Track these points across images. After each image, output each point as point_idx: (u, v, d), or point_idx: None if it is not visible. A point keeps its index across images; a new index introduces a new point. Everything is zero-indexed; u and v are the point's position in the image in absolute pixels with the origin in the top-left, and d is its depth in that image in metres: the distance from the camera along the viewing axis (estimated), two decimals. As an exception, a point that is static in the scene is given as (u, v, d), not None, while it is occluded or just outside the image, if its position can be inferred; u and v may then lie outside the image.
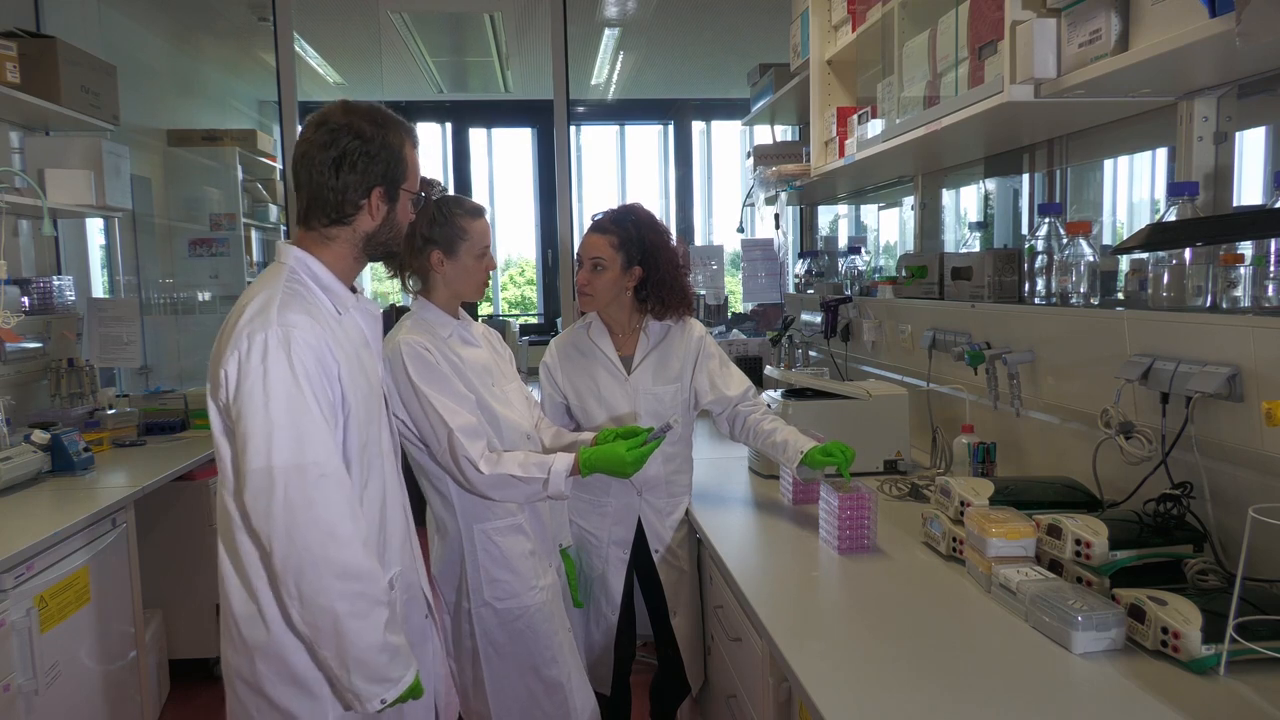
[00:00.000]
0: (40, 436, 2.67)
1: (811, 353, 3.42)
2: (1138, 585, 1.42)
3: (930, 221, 3.07)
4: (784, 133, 3.95)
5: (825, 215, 4.26)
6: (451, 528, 1.92)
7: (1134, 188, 2.44)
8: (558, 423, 2.21)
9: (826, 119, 2.87)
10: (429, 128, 6.80)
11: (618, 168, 7.09)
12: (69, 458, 2.70)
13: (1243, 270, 1.50)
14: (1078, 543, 1.52)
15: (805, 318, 3.56)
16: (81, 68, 3.21)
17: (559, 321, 5.55)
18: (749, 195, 3.67)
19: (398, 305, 4.46)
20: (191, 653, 3.11)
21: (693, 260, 4.12)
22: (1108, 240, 2.38)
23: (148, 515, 2.83)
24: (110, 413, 3.25)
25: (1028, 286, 2.08)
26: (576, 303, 2.38)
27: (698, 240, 6.89)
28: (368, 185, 1.46)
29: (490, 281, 2.03)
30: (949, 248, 3.07)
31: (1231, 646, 1.25)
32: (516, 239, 7.36)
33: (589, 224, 2.25)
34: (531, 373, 2.25)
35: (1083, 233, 1.88)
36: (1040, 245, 2.00)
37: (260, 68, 5.26)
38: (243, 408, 1.35)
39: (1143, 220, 2.41)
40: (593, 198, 6.93)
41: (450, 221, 1.89)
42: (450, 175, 6.82)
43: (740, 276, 4.25)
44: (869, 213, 4.19)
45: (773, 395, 2.56)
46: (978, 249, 2.59)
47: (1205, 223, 1.55)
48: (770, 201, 3.79)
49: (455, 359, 1.88)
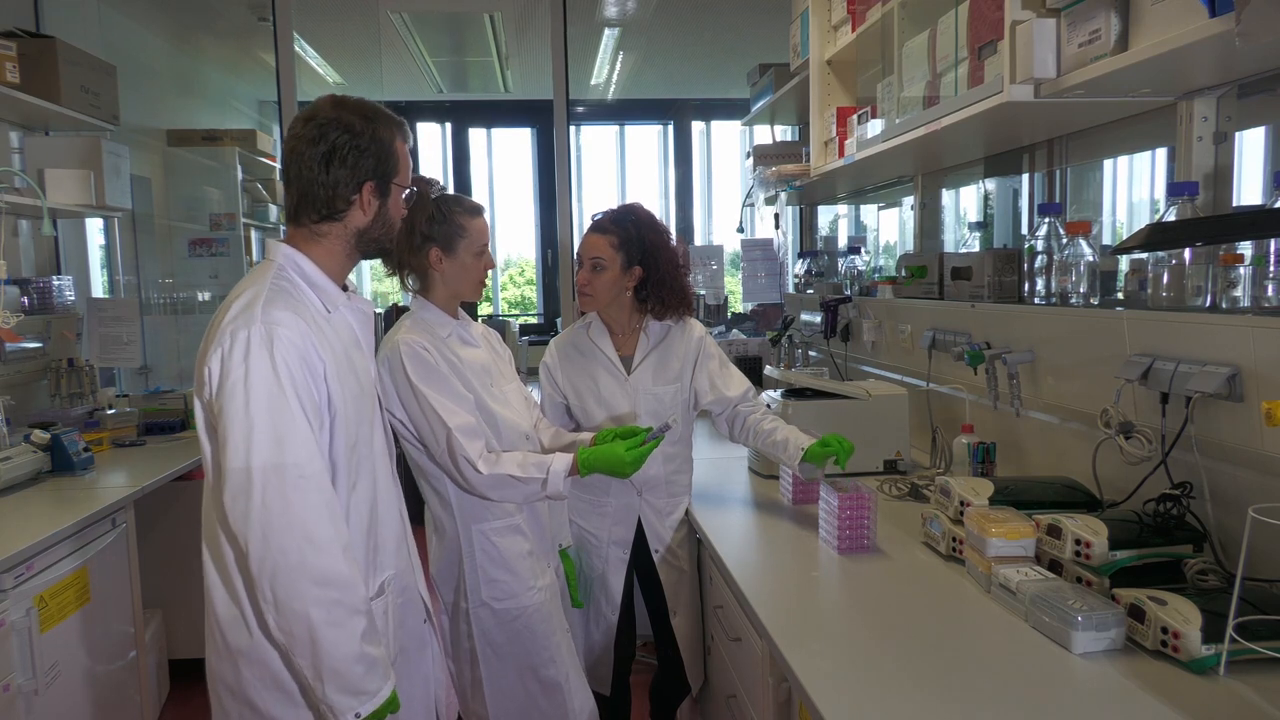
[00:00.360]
0: (40, 436, 2.67)
1: (811, 353, 3.42)
2: (1137, 585, 1.42)
3: (930, 221, 3.07)
4: (784, 133, 3.95)
5: (825, 215, 4.26)
6: (449, 528, 1.92)
7: (1134, 188, 2.44)
8: (557, 423, 2.21)
9: (826, 119, 2.87)
10: (429, 128, 6.80)
11: (617, 168, 7.09)
12: (69, 458, 2.70)
13: (1242, 270, 1.50)
14: (1077, 543, 1.52)
15: (805, 318, 3.56)
16: (81, 68, 3.21)
17: (559, 321, 5.55)
18: (749, 195, 3.68)
19: (399, 305, 4.47)
20: (191, 653, 3.12)
21: (692, 260, 4.12)
22: (1108, 240, 2.38)
23: (147, 515, 2.83)
24: (110, 413, 3.25)
25: (1027, 286, 2.08)
26: (576, 303, 2.38)
27: (697, 240, 6.89)
28: (358, 180, 1.43)
29: (489, 281, 2.03)
30: (949, 248, 3.07)
31: (1231, 646, 1.25)
32: (516, 239, 7.36)
33: (589, 224, 2.25)
34: (531, 373, 2.26)
35: (1082, 233, 1.88)
36: (1040, 245, 2.00)
37: (260, 68, 5.25)
38: (224, 406, 1.32)
39: (1143, 220, 2.41)
40: (592, 198, 6.93)
41: (449, 219, 1.88)
42: (450, 175, 6.82)
43: (740, 276, 4.25)
44: (869, 213, 4.19)
45: (773, 395, 2.56)
46: (977, 249, 2.59)
47: (1205, 223, 1.55)
48: (770, 201, 3.79)
49: (454, 359, 1.88)
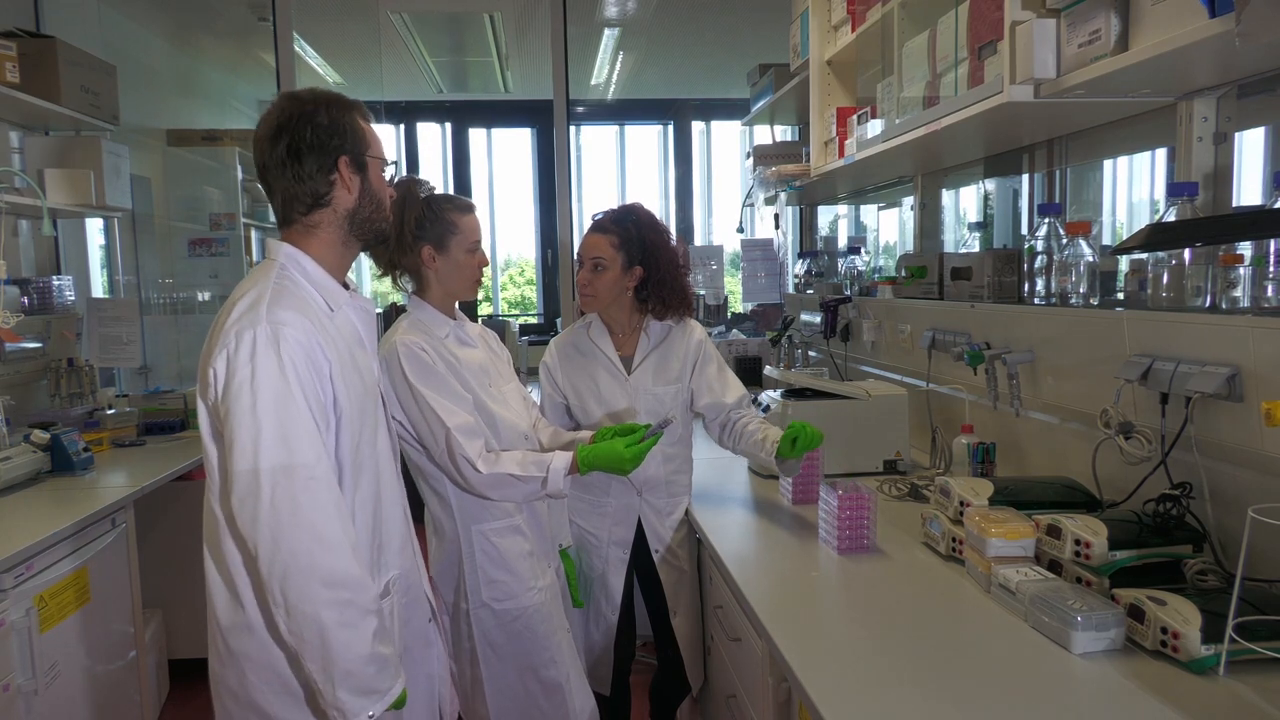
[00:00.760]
0: (40, 436, 2.67)
1: (811, 353, 3.42)
2: (1137, 585, 1.42)
3: (930, 222, 3.07)
4: (783, 133, 3.95)
5: (825, 215, 4.26)
6: (449, 529, 1.92)
7: (1133, 188, 2.44)
8: (557, 423, 2.21)
9: (826, 119, 2.87)
10: (429, 128, 6.81)
11: (617, 168, 7.09)
12: (68, 458, 2.70)
13: (1242, 270, 1.50)
14: (1077, 543, 1.52)
15: (805, 318, 3.56)
16: (81, 68, 3.21)
17: (559, 321, 5.55)
18: (749, 195, 3.68)
19: (398, 305, 4.46)
20: (191, 653, 3.12)
21: (692, 260, 4.12)
22: (1107, 240, 2.38)
23: (147, 515, 2.83)
24: (110, 413, 3.25)
25: (1027, 287, 2.08)
26: (577, 302, 2.38)
27: (697, 240, 6.89)
28: (331, 159, 1.43)
29: (487, 281, 2.03)
30: (948, 248, 3.07)
31: (1231, 646, 1.25)
32: (516, 239, 7.36)
33: (589, 224, 2.25)
34: (532, 372, 2.25)
35: (1082, 233, 1.88)
36: (1040, 245, 2.00)
37: (260, 67, 5.25)
38: (230, 407, 1.31)
39: (1142, 220, 2.41)
40: (592, 198, 6.93)
41: (440, 217, 1.88)
42: (450, 175, 6.82)
43: (740, 276, 4.25)
44: (869, 213, 4.19)
45: (772, 395, 2.56)
46: (977, 249, 2.59)
47: (1205, 223, 1.55)
48: (770, 202, 3.79)
49: (452, 359, 1.87)
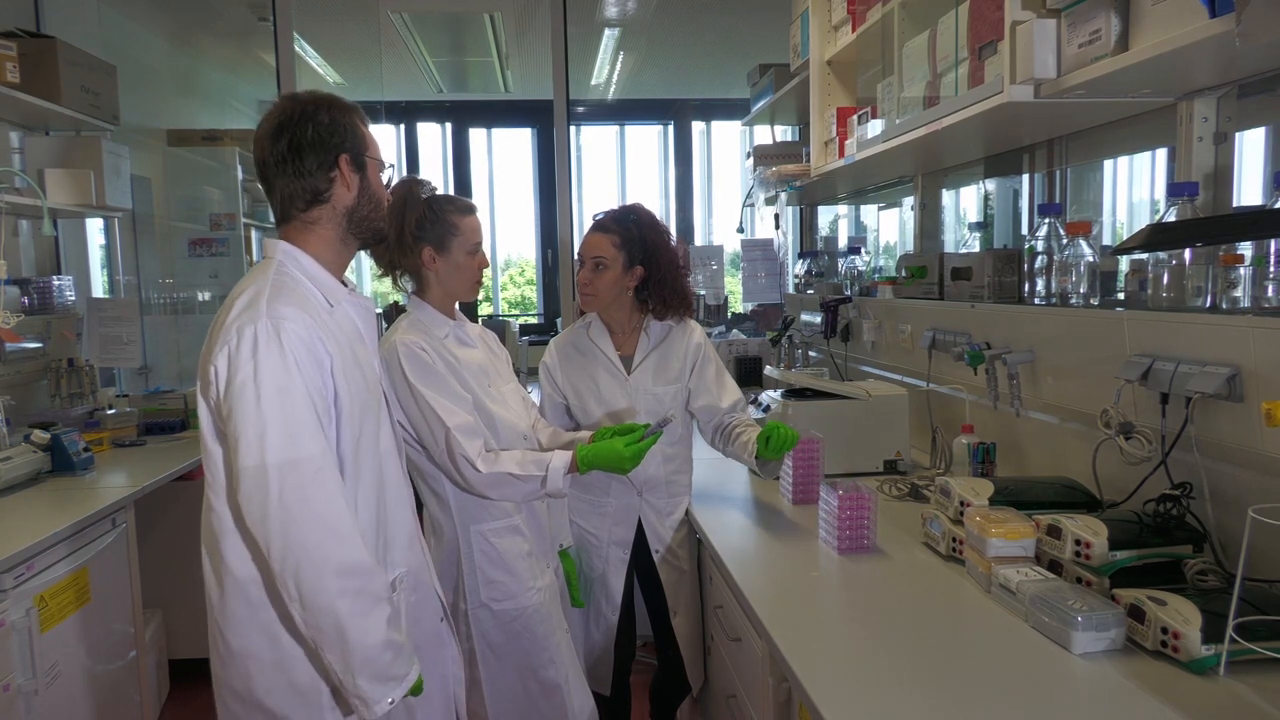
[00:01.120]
0: (40, 436, 2.67)
1: (811, 353, 3.42)
2: (1137, 585, 1.42)
3: (930, 222, 3.07)
4: (784, 133, 3.95)
5: (825, 215, 4.26)
6: (448, 529, 1.92)
7: (1134, 188, 2.44)
8: (557, 423, 2.21)
9: (826, 119, 2.87)
10: (429, 128, 6.81)
11: (618, 168, 7.09)
12: (69, 458, 2.70)
13: (1242, 271, 1.50)
14: (1077, 543, 1.52)
15: (805, 318, 3.56)
16: (81, 68, 3.21)
17: (559, 321, 5.55)
18: (749, 195, 3.67)
19: (398, 304, 4.46)
20: (191, 653, 3.12)
21: (693, 260, 4.13)
22: (1107, 240, 2.38)
23: (147, 515, 2.83)
24: (110, 413, 3.25)
25: (1028, 287, 2.08)
26: (577, 302, 2.38)
27: (697, 240, 6.89)
28: (331, 156, 1.44)
29: (488, 281, 2.04)
30: (949, 248, 3.07)
31: (1231, 647, 1.25)
32: (516, 239, 7.36)
33: (589, 224, 2.26)
34: (532, 373, 2.26)
35: (1083, 233, 1.88)
36: (1040, 245, 2.00)
37: (260, 67, 5.25)
38: (234, 404, 1.32)
39: (1143, 220, 2.41)
40: (593, 198, 6.93)
41: (441, 218, 1.89)
42: (450, 175, 6.82)
43: (740, 277, 4.25)
44: (869, 213, 4.19)
45: (773, 395, 2.56)
46: (977, 249, 2.59)
47: (1205, 223, 1.55)
48: (770, 202, 3.79)
49: (451, 359, 1.88)
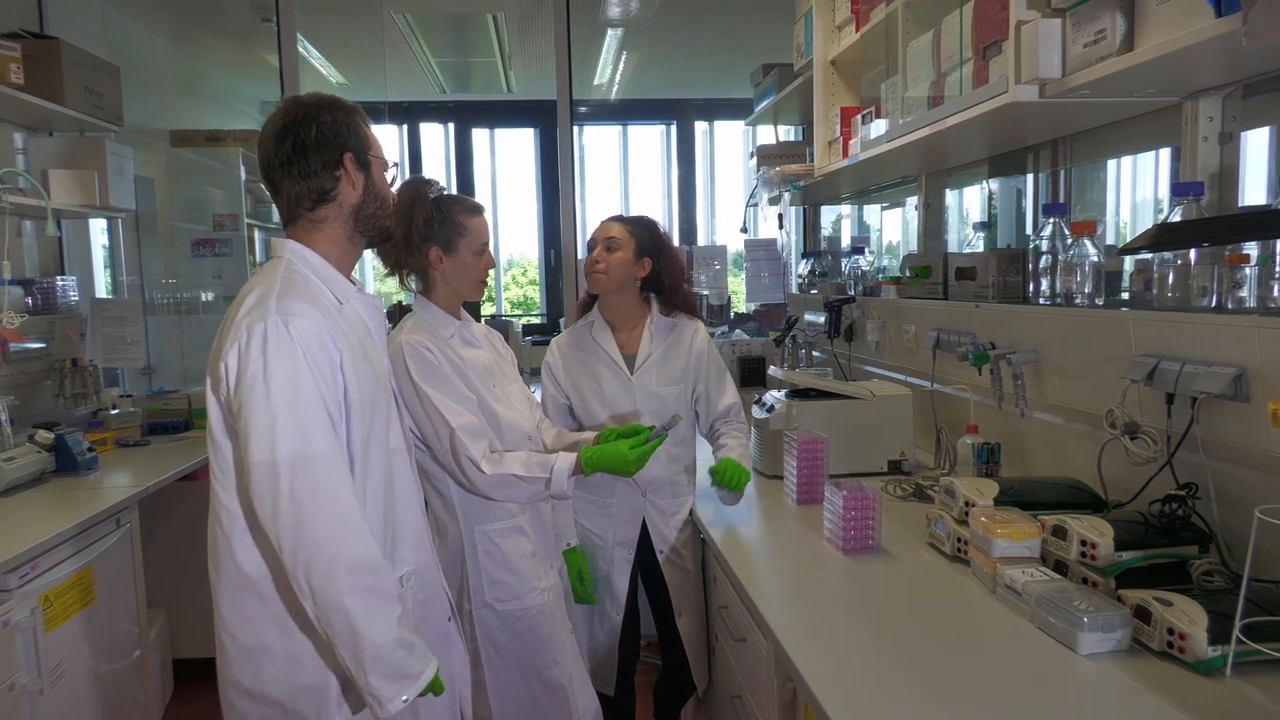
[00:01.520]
0: (44, 437, 2.68)
1: (815, 353, 3.42)
2: (1143, 586, 1.42)
3: (934, 221, 3.06)
4: (786, 133, 3.94)
5: (828, 215, 4.26)
6: (452, 529, 1.92)
7: (1137, 187, 2.43)
8: (560, 424, 2.21)
9: (830, 119, 2.86)
10: (432, 128, 6.80)
11: (620, 168, 7.08)
12: (73, 458, 2.70)
13: (1248, 270, 1.50)
14: (1083, 543, 1.51)
15: (809, 318, 3.56)
16: (85, 68, 3.21)
17: (562, 322, 5.55)
18: (753, 195, 3.67)
19: (402, 304, 4.46)
20: (195, 652, 3.12)
21: (696, 260, 4.13)
22: (1111, 240, 2.38)
23: (151, 515, 2.83)
24: (114, 413, 3.26)
25: (1032, 287, 2.08)
26: (581, 298, 2.37)
27: (700, 241, 6.88)
28: (336, 155, 1.46)
29: (491, 281, 2.04)
30: (952, 248, 3.07)
31: (1238, 648, 1.24)
32: (519, 239, 7.36)
33: (593, 225, 2.27)
34: (535, 373, 2.26)
35: (1087, 233, 1.87)
36: (1045, 245, 2.00)
37: (263, 68, 5.25)
38: (244, 400, 1.32)
39: (1146, 220, 2.41)
40: (595, 198, 6.92)
41: (449, 218, 1.89)
42: (453, 175, 6.82)
43: (743, 276, 4.24)
44: (871, 212, 4.18)
45: (777, 395, 2.56)
46: (981, 249, 2.59)
47: (1212, 223, 1.54)
48: (774, 202, 3.78)
49: (457, 359, 1.88)
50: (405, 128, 6.75)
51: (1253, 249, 1.49)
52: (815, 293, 3.63)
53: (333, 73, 5.50)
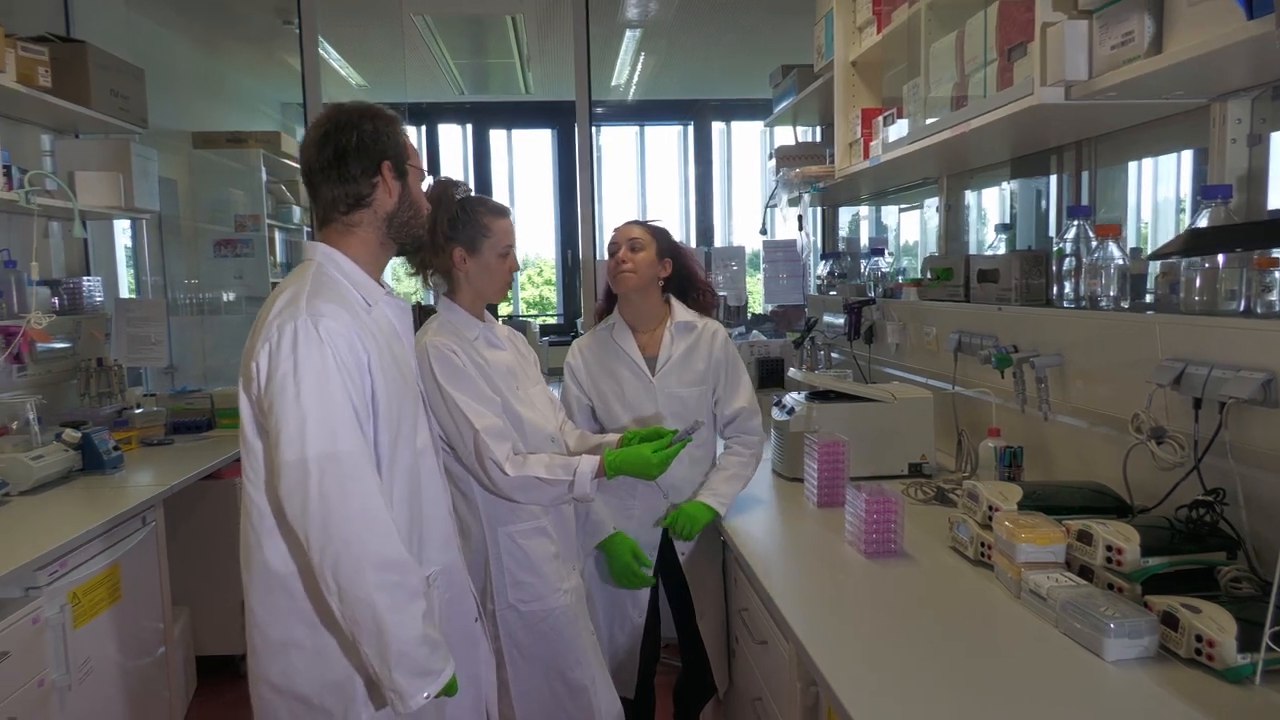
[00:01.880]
0: (71, 435, 2.71)
1: (834, 354, 3.41)
2: (1169, 592, 1.41)
3: (955, 223, 3.05)
4: (805, 133, 3.93)
5: (845, 214, 4.24)
6: (475, 530, 1.93)
7: (1159, 186, 2.41)
8: (584, 424, 2.23)
9: (851, 120, 2.86)
10: (450, 129, 6.83)
11: (637, 168, 7.09)
12: (99, 456, 2.73)
13: (1278, 274, 1.48)
14: (1109, 549, 1.50)
15: (828, 319, 3.55)
16: (111, 71, 3.25)
17: (579, 322, 5.55)
18: (772, 197, 3.67)
19: (420, 303, 4.48)
20: (218, 649, 3.14)
21: (714, 261, 4.13)
22: (1132, 239, 2.36)
23: (175, 513, 2.87)
24: (138, 412, 3.30)
25: (1056, 289, 2.07)
26: (599, 303, 2.38)
27: (718, 241, 6.87)
28: (375, 162, 1.49)
29: (513, 283, 2.05)
30: (972, 248, 3.05)
31: (1267, 655, 1.23)
32: (535, 240, 7.38)
33: (610, 225, 2.29)
34: (553, 374, 2.27)
35: (1112, 235, 1.86)
36: (1069, 248, 1.99)
37: (283, 70, 5.29)
38: (274, 399, 1.35)
39: (1168, 219, 2.39)
40: (612, 199, 6.93)
41: (473, 219, 1.91)
42: (471, 176, 6.84)
43: (761, 277, 4.24)
44: (889, 212, 4.16)
45: (796, 398, 2.56)
46: (1003, 251, 2.57)
47: (1245, 228, 1.53)
48: (794, 203, 3.78)
49: (481, 361, 1.89)
50: (423, 128, 6.78)
51: (1283, 253, 1.47)
52: (834, 294, 3.62)
53: (352, 74, 5.54)
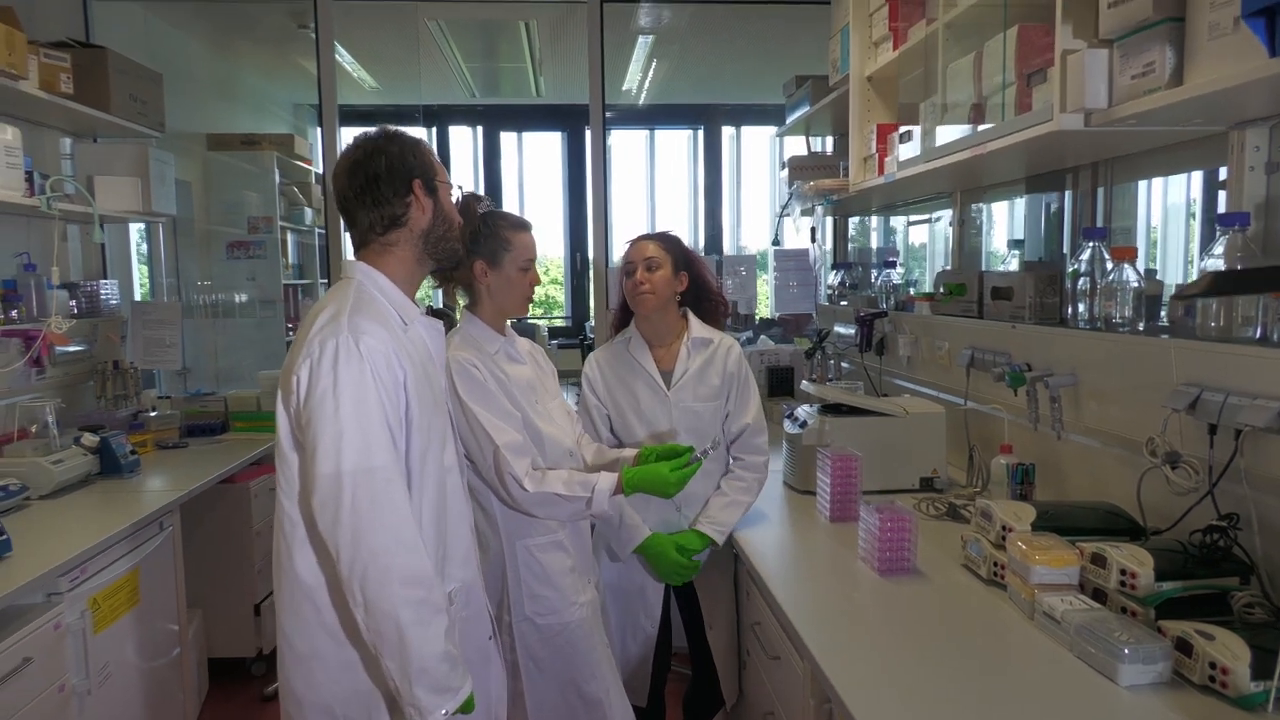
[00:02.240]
0: (90, 440, 2.74)
1: (844, 364, 3.42)
2: (1183, 616, 1.42)
3: (969, 239, 3.06)
4: (816, 142, 3.94)
5: (853, 219, 4.25)
6: (493, 543, 1.95)
7: (1169, 191, 2.44)
8: (603, 431, 2.26)
9: (866, 135, 2.87)
10: (461, 131, 6.86)
11: (647, 172, 7.10)
12: (116, 461, 2.76)
13: (1295, 303, 1.50)
14: (1123, 573, 1.52)
15: (839, 329, 3.57)
16: (130, 76, 3.27)
17: (587, 326, 5.57)
18: (785, 208, 3.68)
19: (432, 308, 4.50)
20: (229, 652, 3.16)
21: (724, 268, 4.14)
22: (1141, 243, 2.37)
23: (189, 517, 2.89)
24: (153, 415, 3.32)
25: (1070, 309, 2.08)
26: (611, 318, 2.40)
27: (726, 244, 6.89)
28: (406, 182, 1.54)
29: (533, 297, 2.07)
30: (984, 260, 3.07)
31: (1281, 684, 1.25)
32: (544, 240, 7.40)
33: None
34: (561, 376, 2.28)
35: (1128, 259, 1.88)
36: (1084, 268, 2.00)
37: (295, 71, 5.31)
38: (313, 413, 1.39)
39: (1179, 226, 2.43)
40: (621, 201, 6.95)
41: (495, 233, 1.93)
42: (481, 178, 6.87)
43: (771, 285, 4.25)
44: (898, 220, 4.17)
45: (809, 410, 2.57)
46: (1016, 266, 2.58)
47: (1267, 273, 1.50)
48: (806, 213, 3.79)
49: (502, 376, 1.91)
50: (434, 130, 6.81)
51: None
52: (845, 304, 3.64)
53: (365, 77, 5.56)
